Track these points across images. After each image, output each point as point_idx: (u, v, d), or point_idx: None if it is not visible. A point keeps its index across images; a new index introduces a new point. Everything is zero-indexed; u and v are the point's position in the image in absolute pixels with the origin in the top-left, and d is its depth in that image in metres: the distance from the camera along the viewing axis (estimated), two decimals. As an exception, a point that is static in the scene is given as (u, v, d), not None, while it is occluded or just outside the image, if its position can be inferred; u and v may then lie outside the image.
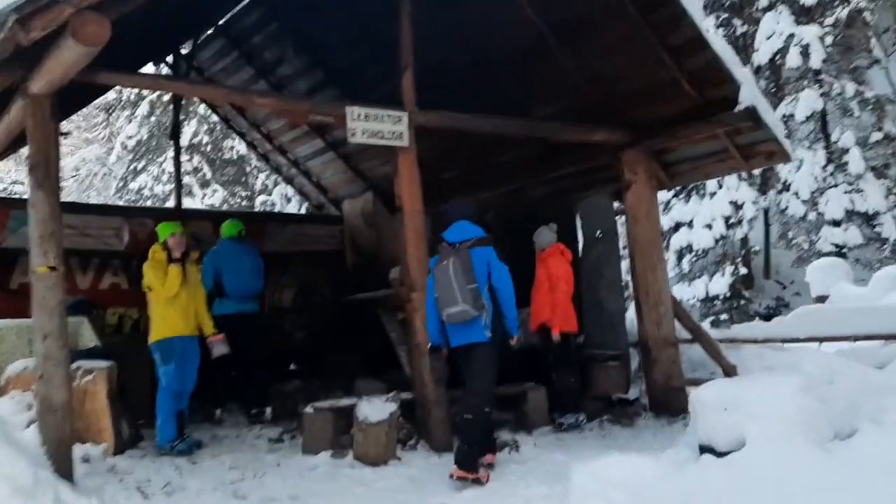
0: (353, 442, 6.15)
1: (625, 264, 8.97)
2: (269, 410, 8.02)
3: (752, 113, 6.99)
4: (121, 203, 26.63)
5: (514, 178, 9.33)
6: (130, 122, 28.74)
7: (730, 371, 7.55)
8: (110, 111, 30.35)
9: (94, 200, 29.57)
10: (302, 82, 10.24)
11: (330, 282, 11.52)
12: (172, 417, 6.80)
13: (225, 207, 25.30)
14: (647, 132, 7.82)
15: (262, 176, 24.80)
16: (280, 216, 13.82)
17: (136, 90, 28.83)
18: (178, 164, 11.02)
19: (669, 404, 7.56)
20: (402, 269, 6.80)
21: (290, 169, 12.13)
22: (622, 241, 8.79)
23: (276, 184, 21.30)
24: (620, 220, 8.75)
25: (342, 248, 11.61)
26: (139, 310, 8.03)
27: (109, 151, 30.98)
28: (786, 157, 7.55)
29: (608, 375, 7.65)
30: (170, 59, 10.55)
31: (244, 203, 25.51)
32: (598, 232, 8.10)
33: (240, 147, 24.33)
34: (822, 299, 11.17)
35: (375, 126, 6.57)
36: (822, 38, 16.38)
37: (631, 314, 8.08)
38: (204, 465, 6.30)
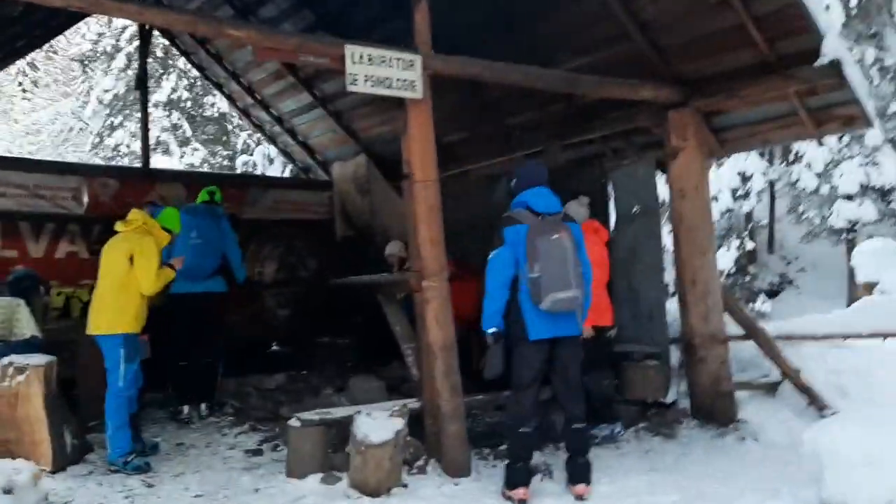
0: (350, 465, 4.81)
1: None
2: (203, 407, 6.71)
3: (836, 68, 5.61)
4: (99, 160, 24.84)
5: (532, 142, 7.91)
6: (107, 75, 26.81)
7: (793, 376, 6.28)
8: (85, 63, 28.38)
9: (70, 158, 27.62)
10: (288, 25, 8.68)
11: (317, 255, 10.12)
12: (127, 425, 5.44)
13: (205, 168, 23.60)
14: (700, 90, 6.43)
15: (243, 135, 23.07)
16: (261, 179, 12.25)
17: (113, 41, 27.12)
18: (144, 117, 9.47)
19: (717, 411, 6.29)
20: (412, 252, 5.40)
21: (273, 126, 10.61)
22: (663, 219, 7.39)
23: (258, 143, 19.64)
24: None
25: (331, 217, 10.18)
26: (91, 289, 6.60)
27: (84, 105, 28.98)
28: (866, 123, 6.20)
29: (646, 377, 6.35)
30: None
31: (225, 163, 23.83)
32: (636, 207, 6.72)
33: (221, 104, 22.59)
34: (870, 287, 9.90)
35: (382, 72, 5.12)
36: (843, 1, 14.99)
37: (671, 305, 6.75)
38: (163, 489, 4.95)
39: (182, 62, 22.09)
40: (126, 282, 5.35)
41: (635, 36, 6.47)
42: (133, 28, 23.84)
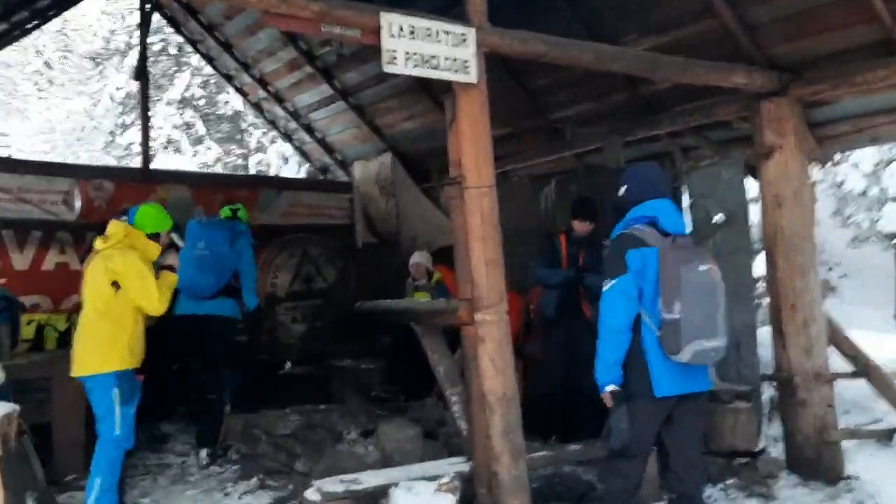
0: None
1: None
2: (204, 454, 5.60)
3: None
4: (111, 161, 23.71)
5: (587, 139, 6.69)
6: (118, 72, 25.75)
7: (921, 425, 5.05)
8: (98, 61, 27.38)
9: (83, 158, 26.46)
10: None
11: (336, 264, 8.95)
12: (117, 487, 4.32)
13: (219, 167, 22.46)
14: (801, 76, 5.21)
15: (257, 133, 21.91)
16: (274, 181, 10.98)
17: (126, 38, 26.06)
18: (145, 110, 8.31)
19: (821, 464, 5.08)
20: (461, 275, 4.20)
21: (287, 122, 9.42)
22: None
23: (272, 141, 18.47)
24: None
25: (351, 223, 9.01)
26: (69, 316, 5.45)
27: (97, 104, 27.95)
28: None
29: (736, 422, 5.13)
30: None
31: (240, 162, 22.69)
32: (719, 216, 5.50)
33: (235, 102, 21.46)
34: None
35: (427, 48, 3.93)
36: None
37: (763, 335, 5.54)
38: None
39: (196, 59, 20.97)
40: (112, 309, 4.20)
41: (721, 11, 5.25)
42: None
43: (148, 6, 8.05)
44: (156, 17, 8.51)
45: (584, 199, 5.94)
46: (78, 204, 7.59)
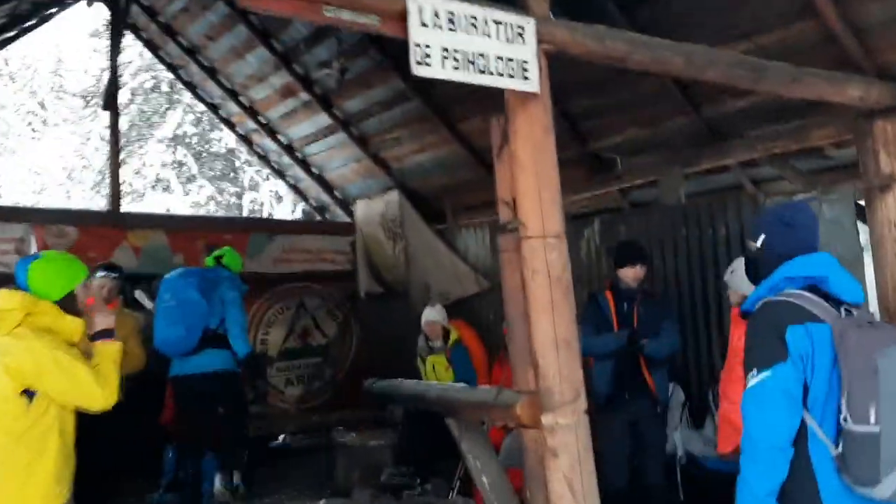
0: None
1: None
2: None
3: None
4: (102, 198, 22.40)
5: (636, 171, 5.52)
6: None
7: None
8: (88, 99, 26.30)
9: (76, 199, 25.11)
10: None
11: (335, 317, 7.70)
12: None
13: (211, 207, 21.21)
14: (927, 88, 4.05)
15: (251, 170, 20.72)
16: (265, 223, 9.73)
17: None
18: (114, 142, 7.12)
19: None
20: (519, 360, 2.96)
21: (281, 157, 8.23)
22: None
23: (266, 178, 17.25)
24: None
25: (353, 269, 7.78)
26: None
27: (86, 142, 26.80)
28: None
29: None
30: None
31: (234, 201, 21.46)
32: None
33: (229, 139, 20.33)
34: None
35: (472, 42, 2.74)
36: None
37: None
38: None
39: (188, 97, 19.85)
40: (27, 429, 2.83)
41: (823, 9, 4.11)
42: (136, 62, 21.82)
43: (121, 26, 6.89)
44: (147, 55, 7.36)
45: (628, 242, 4.75)
46: (34, 251, 6.36)
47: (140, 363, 4.45)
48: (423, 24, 2.65)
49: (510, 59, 2.83)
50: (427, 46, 2.65)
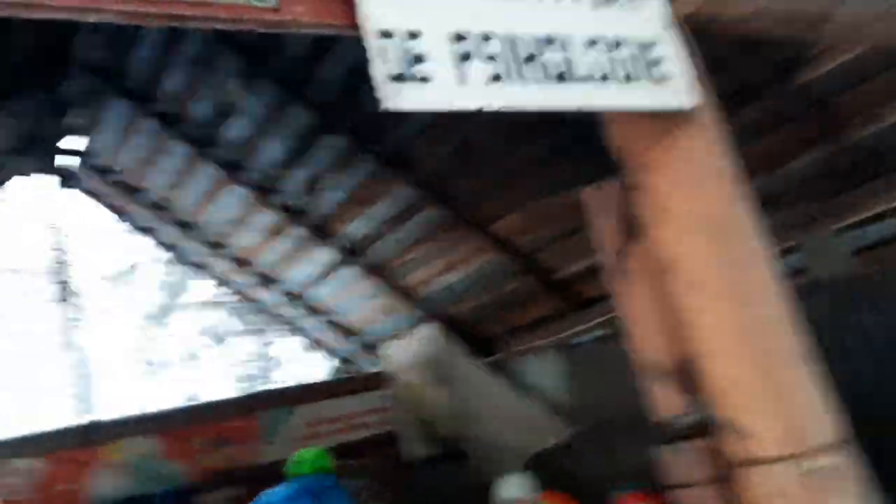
0: None
1: None
2: None
3: None
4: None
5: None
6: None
7: None
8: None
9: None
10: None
11: (385, 498, 5.86)
12: None
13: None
14: None
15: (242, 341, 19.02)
16: (278, 395, 7.62)
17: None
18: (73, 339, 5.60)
19: None
20: None
21: (282, 306, 6.68)
22: None
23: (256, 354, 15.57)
24: None
25: (395, 430, 6.03)
26: None
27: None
28: None
29: None
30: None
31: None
32: None
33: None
34: None
35: (531, 18, 1.18)
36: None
37: None
38: None
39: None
40: None
41: None
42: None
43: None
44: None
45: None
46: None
47: None
48: None
49: (617, 45, 1.27)
50: (412, 37, 1.12)
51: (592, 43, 1.40)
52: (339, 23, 1.22)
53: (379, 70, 1.22)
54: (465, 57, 1.31)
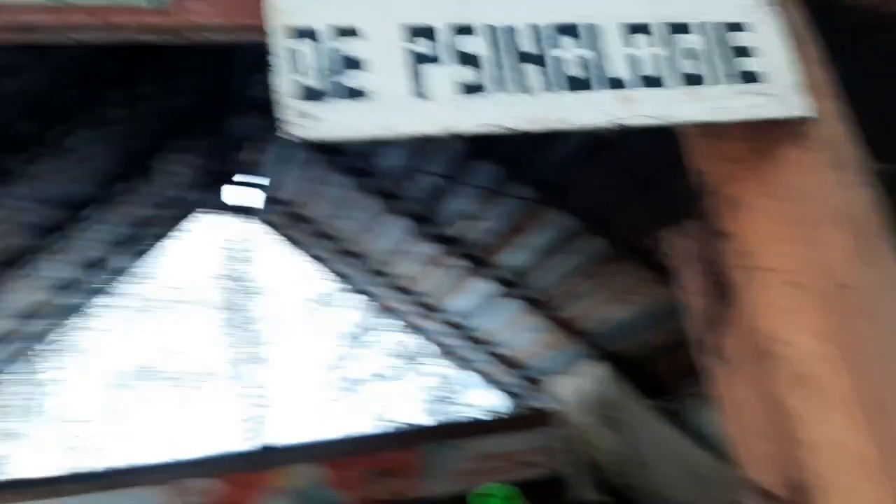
0: None
1: None
2: None
3: None
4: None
5: None
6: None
7: None
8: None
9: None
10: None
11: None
12: None
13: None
14: None
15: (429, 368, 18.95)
16: (443, 429, 7.34)
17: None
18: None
19: None
20: None
21: (445, 336, 6.51)
22: None
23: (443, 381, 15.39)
24: None
25: (562, 472, 5.58)
26: None
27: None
28: None
29: None
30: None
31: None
32: None
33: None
34: None
35: None
36: None
37: None
38: None
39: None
40: None
41: None
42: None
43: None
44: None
45: None
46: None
47: None
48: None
49: (682, 30, 0.85)
50: (344, 34, 0.81)
51: (637, 29, 0.98)
52: (251, 23, 0.91)
53: (283, 83, 0.91)
54: (426, 59, 0.97)
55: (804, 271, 0.98)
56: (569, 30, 1.00)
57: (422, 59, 0.96)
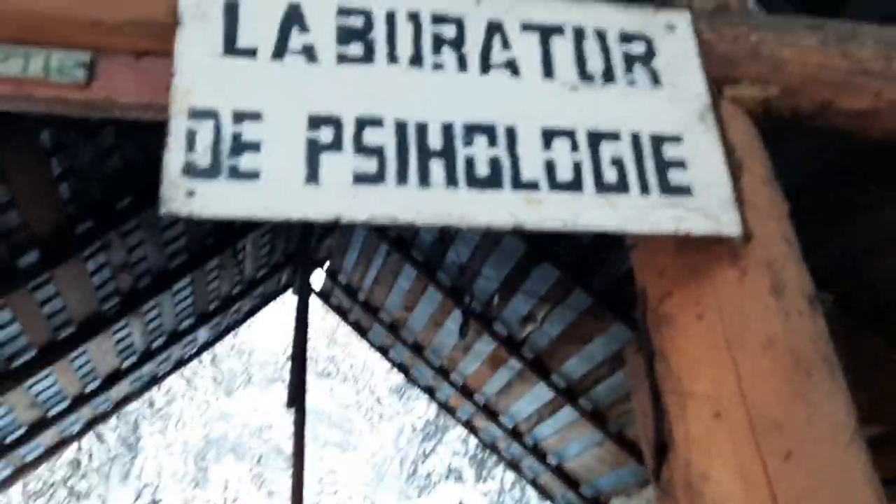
0: None
1: None
2: None
3: None
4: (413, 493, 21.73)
5: None
6: (419, 400, 25.00)
7: None
8: (400, 392, 27.15)
9: (393, 489, 24.91)
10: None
11: None
12: None
13: (506, 500, 19.12)
14: None
15: (498, 469, 18.42)
16: None
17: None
18: (299, 443, 5.71)
19: None
20: None
21: (509, 445, 6.24)
22: None
23: (514, 483, 14.73)
24: None
25: None
26: None
27: (401, 432, 27.19)
28: None
29: None
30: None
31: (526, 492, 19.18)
32: None
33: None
34: None
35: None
36: None
37: None
38: None
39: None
40: None
41: None
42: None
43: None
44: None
45: None
46: None
47: None
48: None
49: (609, 138, 0.79)
50: (246, 119, 0.80)
51: (560, 134, 0.91)
52: (161, 102, 0.92)
53: (172, 161, 0.90)
54: (326, 148, 0.93)
55: (732, 403, 0.85)
56: (486, 130, 0.95)
57: (322, 147, 0.94)
